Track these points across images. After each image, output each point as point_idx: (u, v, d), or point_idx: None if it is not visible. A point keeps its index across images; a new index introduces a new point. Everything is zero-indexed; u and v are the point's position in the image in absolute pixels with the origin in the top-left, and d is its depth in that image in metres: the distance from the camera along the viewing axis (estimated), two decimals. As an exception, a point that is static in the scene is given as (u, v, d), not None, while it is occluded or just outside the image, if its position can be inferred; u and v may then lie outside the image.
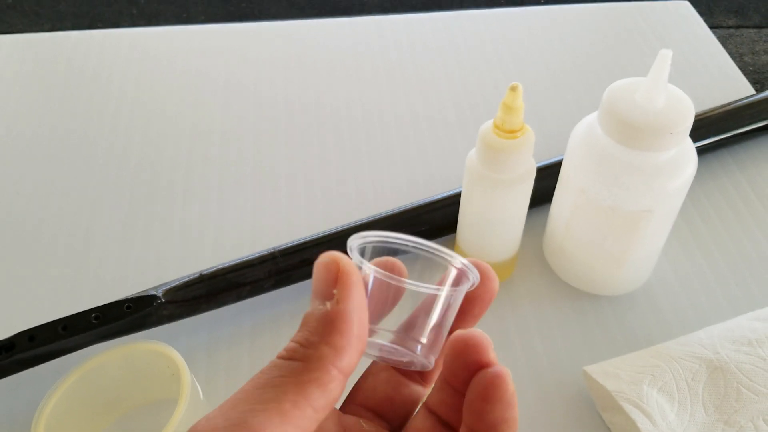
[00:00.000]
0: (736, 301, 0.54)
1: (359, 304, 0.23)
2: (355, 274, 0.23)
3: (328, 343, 0.22)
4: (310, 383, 0.22)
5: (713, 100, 0.69)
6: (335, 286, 0.23)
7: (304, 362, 0.22)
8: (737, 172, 0.63)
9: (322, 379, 0.22)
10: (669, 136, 0.43)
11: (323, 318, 0.23)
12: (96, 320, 0.47)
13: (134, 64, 0.75)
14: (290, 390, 0.21)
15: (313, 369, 0.22)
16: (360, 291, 0.23)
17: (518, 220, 0.51)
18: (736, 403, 0.43)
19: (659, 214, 0.47)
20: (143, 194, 0.62)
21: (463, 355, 0.25)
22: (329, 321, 0.22)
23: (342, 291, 0.23)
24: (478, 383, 0.24)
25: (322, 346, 0.22)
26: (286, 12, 1.87)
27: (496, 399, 0.24)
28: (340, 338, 0.22)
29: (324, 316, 0.23)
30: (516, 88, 0.43)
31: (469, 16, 0.82)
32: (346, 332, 0.22)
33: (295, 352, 0.22)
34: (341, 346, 0.22)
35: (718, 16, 1.66)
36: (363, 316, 0.23)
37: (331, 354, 0.22)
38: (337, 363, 0.22)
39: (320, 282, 0.23)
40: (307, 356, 0.22)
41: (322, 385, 0.22)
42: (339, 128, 0.68)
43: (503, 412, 0.24)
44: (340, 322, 0.22)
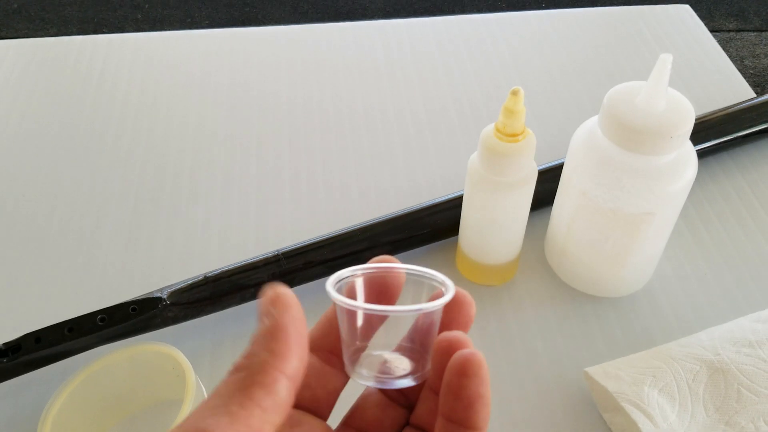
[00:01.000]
0: (736, 303, 0.54)
1: (295, 318, 0.24)
2: (290, 297, 0.25)
3: (267, 349, 0.24)
4: (254, 386, 0.23)
5: (714, 103, 0.70)
6: (272, 307, 0.25)
7: (248, 371, 0.23)
8: (738, 174, 0.64)
9: (264, 381, 0.23)
10: (669, 139, 0.43)
11: (263, 331, 0.24)
12: (102, 322, 0.47)
13: (139, 68, 0.76)
14: (236, 395, 0.23)
15: (255, 373, 0.23)
16: (296, 308, 0.25)
17: (520, 222, 0.51)
18: (736, 404, 0.43)
19: (660, 217, 0.47)
20: (148, 197, 0.62)
21: (446, 355, 0.26)
22: (268, 332, 0.24)
23: (277, 308, 0.24)
24: (454, 362, 0.26)
25: (262, 353, 0.23)
26: (289, 16, 1.87)
27: (471, 373, 0.25)
28: (277, 344, 0.24)
29: (263, 330, 0.24)
30: (517, 92, 0.43)
31: (471, 20, 0.83)
32: (283, 339, 0.24)
33: (239, 365, 0.24)
34: (280, 351, 0.24)
35: (719, 19, 1.66)
36: (301, 327, 0.25)
37: (270, 358, 0.23)
38: (278, 366, 0.23)
39: (261, 308, 0.25)
40: (251, 365, 0.23)
41: (265, 386, 0.23)
42: (342, 132, 0.69)
43: (478, 386, 0.25)
44: (278, 330, 0.24)
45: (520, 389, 0.49)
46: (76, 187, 0.63)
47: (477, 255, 0.53)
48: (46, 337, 0.46)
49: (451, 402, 0.26)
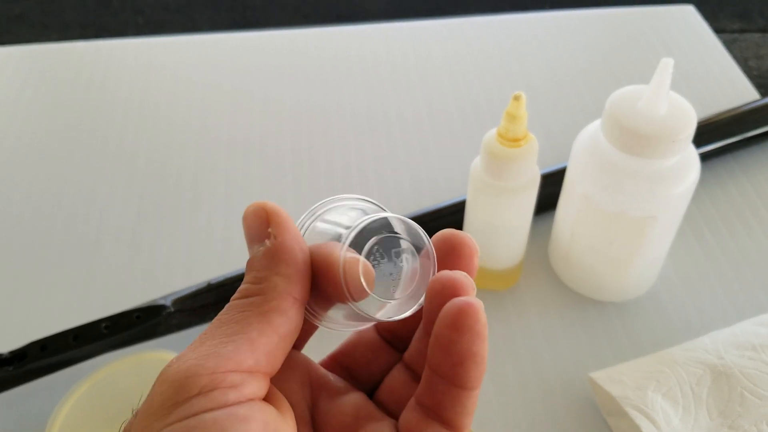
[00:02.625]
0: (740, 306, 0.54)
1: (297, 236, 0.24)
2: (284, 213, 0.24)
3: (279, 274, 0.23)
4: (271, 312, 0.22)
5: (718, 104, 0.70)
6: (269, 226, 0.24)
7: (261, 295, 0.23)
8: (742, 177, 0.63)
9: (281, 306, 0.23)
10: (671, 143, 0.43)
11: (267, 254, 0.23)
12: (106, 330, 0.47)
13: (141, 73, 0.76)
14: (254, 320, 0.22)
15: (271, 299, 0.23)
16: (293, 225, 0.24)
17: (523, 227, 0.51)
18: (740, 407, 0.43)
19: (663, 220, 0.47)
20: (151, 204, 0.62)
21: (441, 296, 0.23)
22: (274, 255, 0.23)
23: (276, 227, 0.24)
24: (446, 311, 0.22)
25: (273, 278, 0.23)
26: (291, 20, 1.87)
27: (465, 328, 0.22)
28: (287, 268, 0.23)
29: (267, 252, 0.23)
30: (519, 97, 0.43)
31: (473, 22, 0.83)
32: (292, 261, 0.23)
33: (249, 290, 0.23)
34: (290, 274, 0.23)
35: (723, 20, 1.66)
36: (303, 245, 0.24)
37: (283, 283, 0.23)
38: (291, 290, 0.23)
39: (252, 228, 0.24)
40: (263, 290, 0.23)
41: (283, 312, 0.22)
42: (344, 136, 0.69)
43: (471, 343, 0.22)
44: (284, 253, 0.23)
45: (524, 394, 0.49)
46: (79, 193, 0.63)
47: (480, 260, 0.53)
48: (51, 345, 0.47)
49: (438, 356, 0.23)
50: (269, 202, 0.24)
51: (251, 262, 0.24)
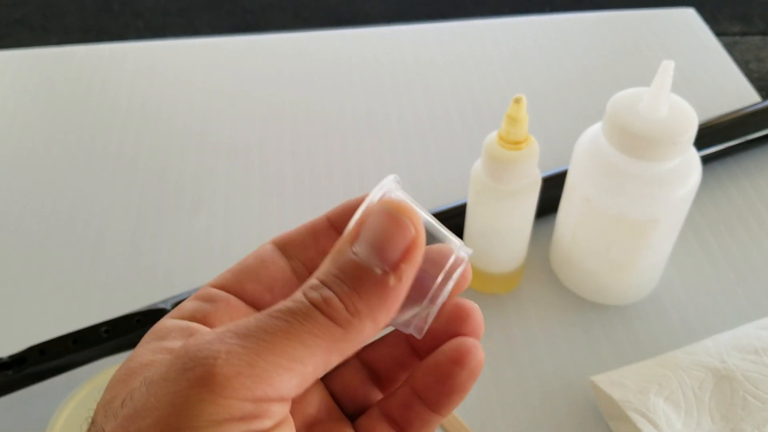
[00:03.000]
0: (742, 309, 0.54)
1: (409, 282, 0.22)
2: (423, 251, 0.21)
3: (374, 320, 0.21)
4: (339, 353, 0.21)
5: (718, 107, 0.69)
6: (404, 259, 0.21)
7: (343, 329, 0.20)
8: (743, 179, 0.63)
9: (349, 351, 0.21)
10: (673, 146, 0.43)
11: (380, 289, 0.21)
12: (106, 334, 0.47)
13: (141, 76, 0.76)
14: (319, 355, 0.20)
15: (349, 340, 0.21)
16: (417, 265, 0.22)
17: (524, 230, 0.51)
18: (742, 411, 0.43)
19: (665, 223, 0.47)
20: (151, 207, 0.62)
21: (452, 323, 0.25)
22: (385, 297, 0.21)
23: (408, 270, 0.21)
24: (453, 347, 0.24)
25: (367, 322, 0.21)
26: (291, 23, 1.88)
27: (466, 365, 0.24)
28: (385, 318, 0.21)
29: (382, 288, 0.21)
30: (520, 100, 0.43)
31: (474, 26, 0.83)
32: (392, 312, 0.21)
33: (337, 312, 0.20)
34: (382, 324, 0.21)
35: (723, 23, 1.66)
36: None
37: (370, 330, 0.21)
38: (368, 339, 0.21)
39: (387, 240, 0.21)
40: (349, 325, 0.20)
41: (346, 355, 0.21)
42: (345, 139, 0.68)
43: (467, 379, 0.24)
44: (394, 302, 0.21)
45: (525, 398, 0.49)
46: (79, 196, 0.63)
47: (481, 263, 0.53)
48: (50, 349, 0.46)
49: (429, 382, 0.24)
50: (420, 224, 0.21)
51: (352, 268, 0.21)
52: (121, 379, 0.22)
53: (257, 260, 0.26)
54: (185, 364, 0.19)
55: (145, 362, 0.21)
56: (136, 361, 0.22)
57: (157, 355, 0.22)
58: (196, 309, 0.25)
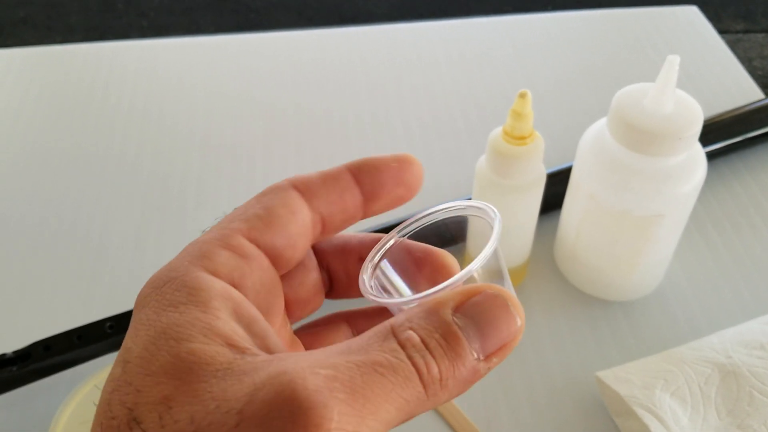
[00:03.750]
0: (747, 305, 0.54)
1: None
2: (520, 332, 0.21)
3: (451, 396, 0.20)
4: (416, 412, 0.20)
5: (722, 104, 0.69)
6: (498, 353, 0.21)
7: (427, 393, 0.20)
8: (747, 176, 0.63)
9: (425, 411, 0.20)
10: (678, 141, 0.43)
11: (469, 373, 0.20)
12: (110, 329, 0.47)
13: (145, 75, 0.76)
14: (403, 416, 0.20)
15: (429, 405, 0.20)
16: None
17: (529, 226, 0.51)
18: (748, 407, 0.43)
19: (670, 219, 0.47)
20: (155, 205, 0.62)
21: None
22: (469, 381, 0.20)
23: (499, 360, 0.21)
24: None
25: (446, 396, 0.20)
26: (294, 22, 1.88)
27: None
28: (457, 395, 0.21)
29: (470, 373, 0.20)
30: (525, 95, 0.43)
31: (477, 23, 0.83)
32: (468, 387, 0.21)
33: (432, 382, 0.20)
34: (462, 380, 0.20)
35: (726, 20, 1.66)
36: None
37: (443, 400, 0.20)
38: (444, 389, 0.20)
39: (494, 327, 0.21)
40: (435, 395, 0.20)
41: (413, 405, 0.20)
42: (348, 137, 0.68)
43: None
44: (475, 381, 0.21)
45: (531, 394, 0.49)
46: (83, 194, 0.63)
47: (486, 259, 0.53)
48: (55, 345, 0.46)
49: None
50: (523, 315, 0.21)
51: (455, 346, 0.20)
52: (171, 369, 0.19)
53: (286, 209, 0.25)
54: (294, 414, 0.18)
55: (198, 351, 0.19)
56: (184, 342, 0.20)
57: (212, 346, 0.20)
58: (234, 268, 0.23)
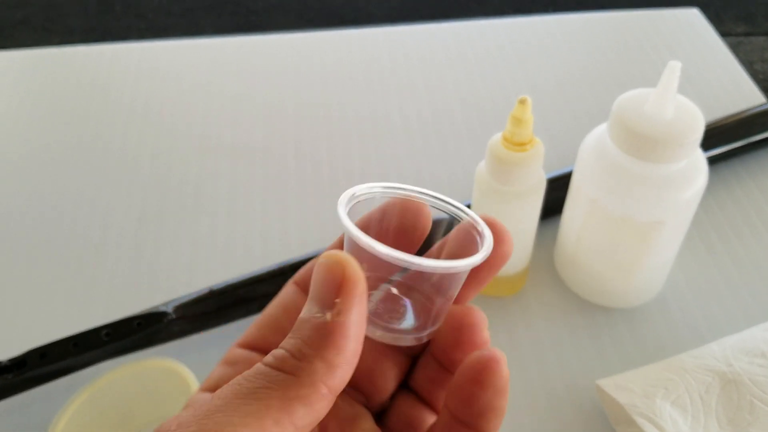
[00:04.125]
0: (749, 312, 0.53)
1: (361, 319, 0.21)
2: (361, 285, 0.21)
3: (323, 359, 0.20)
4: (298, 400, 0.20)
5: (723, 108, 0.69)
6: (338, 295, 0.21)
7: (294, 376, 0.20)
8: (749, 181, 0.63)
9: (310, 398, 0.20)
10: (679, 147, 0.43)
11: (320, 329, 0.21)
12: (107, 337, 0.47)
13: (143, 77, 0.76)
14: (274, 406, 0.19)
15: (302, 385, 0.20)
16: (363, 304, 0.21)
17: (529, 232, 0.51)
18: (749, 416, 0.43)
19: (671, 225, 0.47)
20: (153, 209, 0.62)
21: (455, 332, 0.24)
22: (327, 334, 0.20)
23: (345, 302, 0.21)
24: (470, 366, 0.23)
25: (315, 361, 0.20)
26: (294, 24, 1.87)
27: (488, 384, 0.22)
28: (336, 355, 0.20)
29: (321, 327, 0.21)
30: (525, 101, 0.43)
31: (477, 26, 0.82)
32: (343, 349, 0.21)
33: (284, 362, 0.20)
34: (336, 363, 0.20)
35: (728, 23, 1.66)
36: (362, 331, 0.21)
37: (323, 370, 0.20)
38: (328, 381, 0.20)
39: (321, 286, 0.21)
40: (298, 369, 0.20)
41: (309, 404, 0.20)
42: (348, 140, 0.68)
43: (494, 399, 0.23)
44: (339, 337, 0.20)
45: (530, 401, 0.49)
46: (81, 198, 0.63)
47: (485, 265, 0.52)
48: (51, 352, 0.46)
49: (459, 406, 0.23)
50: (349, 262, 0.21)
51: (301, 324, 0.21)
52: None
53: (280, 309, 0.26)
54: None
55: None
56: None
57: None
58: (221, 376, 0.24)
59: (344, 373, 0.21)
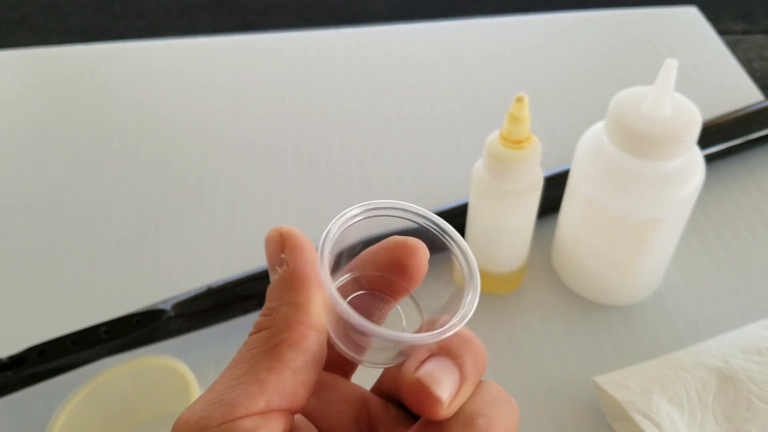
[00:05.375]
0: (746, 310, 0.54)
1: (310, 260, 0.23)
2: (300, 236, 0.23)
3: (288, 303, 0.22)
4: (281, 345, 0.21)
5: (721, 106, 0.69)
6: (282, 251, 0.23)
7: (270, 328, 0.22)
8: (747, 179, 0.63)
9: (292, 338, 0.21)
10: (676, 145, 0.43)
11: (279, 282, 0.22)
12: (106, 334, 0.47)
13: (142, 76, 0.76)
14: (262, 358, 0.21)
15: (279, 331, 0.21)
16: (309, 249, 0.23)
17: (526, 230, 0.51)
18: (746, 412, 0.43)
19: (668, 223, 0.47)
20: (152, 208, 0.62)
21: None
22: (285, 282, 0.22)
23: (290, 252, 0.23)
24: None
25: (283, 308, 0.22)
26: (292, 23, 1.87)
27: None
28: (297, 295, 0.22)
29: (279, 280, 0.22)
30: (522, 99, 0.43)
31: (475, 24, 0.83)
32: (302, 288, 0.22)
33: (260, 323, 0.22)
34: (301, 302, 0.22)
35: (726, 21, 1.66)
36: (314, 269, 0.23)
37: (292, 312, 0.22)
38: (302, 319, 0.22)
39: (270, 255, 0.23)
40: (272, 321, 0.22)
41: (294, 344, 0.21)
42: (346, 139, 0.68)
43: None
44: (294, 279, 0.22)
45: (528, 399, 0.49)
46: (79, 196, 0.63)
47: (483, 263, 0.53)
48: (50, 349, 0.46)
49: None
50: (286, 226, 0.23)
51: (267, 291, 0.23)
52: None
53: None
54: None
55: None
56: None
57: None
58: None
59: (315, 308, 0.22)
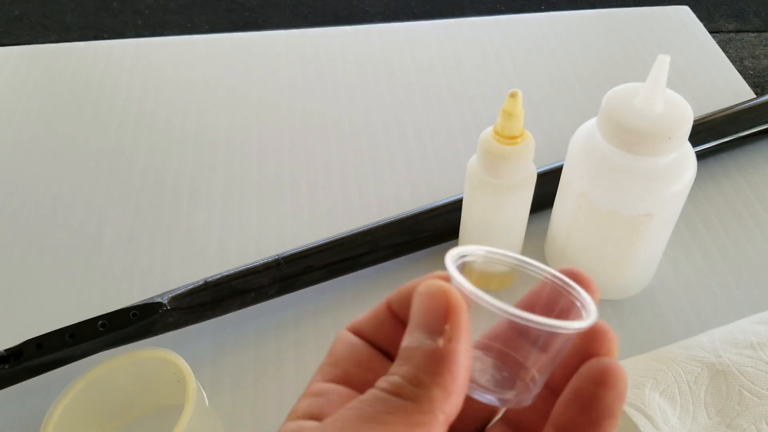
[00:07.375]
0: (738, 304, 0.54)
1: (468, 345, 0.22)
2: (465, 312, 0.22)
3: (440, 385, 0.20)
4: (418, 427, 0.20)
5: (714, 104, 0.70)
6: (446, 321, 0.21)
7: (414, 402, 0.20)
8: (738, 175, 0.64)
9: (429, 425, 0.20)
10: (668, 140, 0.43)
11: (433, 355, 0.21)
12: (102, 327, 0.47)
13: (139, 73, 0.76)
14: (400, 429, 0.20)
15: (423, 412, 0.20)
16: (469, 331, 0.22)
17: (519, 225, 0.51)
18: (738, 406, 0.43)
19: (659, 219, 0.47)
20: (149, 202, 0.62)
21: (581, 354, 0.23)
22: (440, 360, 0.21)
23: (454, 329, 0.21)
24: (592, 368, 0.23)
25: (433, 388, 0.20)
26: (289, 21, 1.88)
27: (611, 385, 0.22)
28: (452, 381, 0.21)
29: (434, 354, 0.21)
30: (515, 94, 0.43)
31: (470, 23, 0.83)
32: (457, 375, 0.21)
33: (403, 389, 0.21)
34: (452, 390, 0.21)
35: (718, 20, 1.66)
36: (470, 358, 0.22)
37: (441, 397, 0.20)
38: (446, 408, 0.21)
39: (427, 313, 0.22)
40: (418, 396, 0.20)
41: (428, 430, 0.20)
42: (342, 136, 0.69)
43: (614, 401, 0.22)
44: (452, 363, 0.21)
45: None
46: (77, 192, 0.63)
47: (477, 258, 0.53)
48: (47, 343, 0.46)
49: (574, 413, 0.22)
50: (452, 290, 0.22)
51: (411, 352, 0.21)
52: None
53: (347, 345, 0.26)
54: None
55: None
56: None
57: None
58: (309, 405, 0.24)
59: (458, 399, 0.21)
